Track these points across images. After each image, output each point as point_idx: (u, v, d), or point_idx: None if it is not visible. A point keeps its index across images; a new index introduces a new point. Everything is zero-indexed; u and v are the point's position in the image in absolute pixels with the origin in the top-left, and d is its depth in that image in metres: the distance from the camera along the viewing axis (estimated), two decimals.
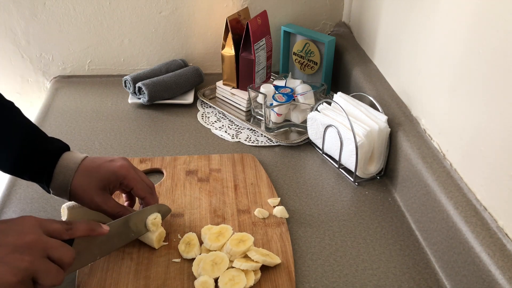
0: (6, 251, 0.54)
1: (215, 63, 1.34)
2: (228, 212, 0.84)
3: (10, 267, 0.54)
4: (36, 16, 1.22)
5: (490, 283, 0.62)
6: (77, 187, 0.71)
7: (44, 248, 0.57)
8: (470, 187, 0.73)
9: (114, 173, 0.72)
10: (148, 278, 0.71)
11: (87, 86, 1.28)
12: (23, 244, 0.56)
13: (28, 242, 0.56)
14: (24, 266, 0.54)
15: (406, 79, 0.96)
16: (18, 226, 0.58)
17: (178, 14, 1.26)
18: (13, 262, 0.54)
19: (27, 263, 0.55)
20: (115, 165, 0.73)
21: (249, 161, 0.97)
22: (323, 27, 1.34)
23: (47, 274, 0.56)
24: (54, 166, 0.71)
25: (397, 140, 0.90)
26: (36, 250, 0.56)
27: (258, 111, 1.12)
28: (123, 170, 0.73)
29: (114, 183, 0.73)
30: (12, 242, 0.55)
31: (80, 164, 0.72)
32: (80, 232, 0.62)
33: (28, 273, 0.55)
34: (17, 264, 0.54)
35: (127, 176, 0.73)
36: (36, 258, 0.56)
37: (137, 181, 0.74)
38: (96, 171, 0.72)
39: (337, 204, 0.89)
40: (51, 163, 0.72)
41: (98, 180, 0.72)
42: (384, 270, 0.75)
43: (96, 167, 0.73)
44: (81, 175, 0.71)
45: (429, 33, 0.84)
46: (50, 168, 0.71)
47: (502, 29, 0.64)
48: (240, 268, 0.70)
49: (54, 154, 0.72)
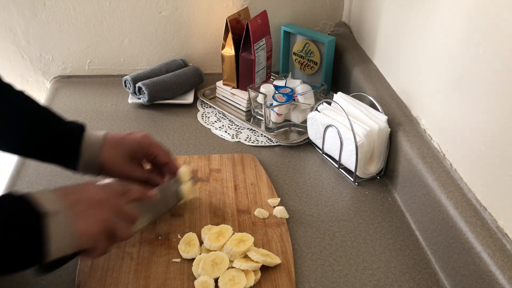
0: (85, 207, 0.60)
1: (215, 63, 1.34)
2: (228, 212, 0.84)
3: (93, 219, 0.60)
4: (36, 16, 1.22)
5: (490, 283, 0.62)
6: (107, 160, 0.75)
7: (115, 205, 0.63)
8: (470, 187, 0.73)
9: (139, 143, 0.77)
10: (148, 278, 0.71)
11: (87, 86, 1.28)
12: (98, 201, 0.62)
13: (101, 199, 0.62)
14: (104, 218, 0.61)
15: (406, 79, 0.96)
16: (87, 188, 0.63)
17: (178, 14, 1.26)
18: (94, 215, 0.60)
19: (105, 215, 0.61)
20: (137, 135, 0.78)
21: (249, 161, 0.97)
22: (323, 27, 1.34)
23: (120, 227, 0.63)
24: (80, 142, 0.74)
25: (397, 140, 0.90)
26: (109, 206, 0.63)
27: (258, 111, 1.12)
28: (146, 140, 0.78)
29: (139, 152, 0.77)
30: (87, 199, 0.61)
31: (105, 138, 0.76)
32: (135, 195, 0.69)
33: (107, 224, 0.61)
34: (98, 217, 0.60)
35: (151, 145, 0.78)
36: (110, 212, 0.62)
37: (159, 149, 0.79)
38: (122, 143, 0.76)
39: (337, 204, 0.89)
40: (77, 140, 0.74)
41: (125, 150, 0.76)
42: (384, 270, 0.75)
43: (121, 139, 0.77)
44: (109, 148, 0.75)
45: (429, 33, 0.84)
46: (77, 145, 0.74)
47: (502, 29, 0.64)
48: (240, 268, 0.70)
49: (77, 131, 0.75)
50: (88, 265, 0.73)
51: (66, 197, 0.60)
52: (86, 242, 0.60)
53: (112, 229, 0.62)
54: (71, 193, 0.61)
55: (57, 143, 0.74)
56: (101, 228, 0.60)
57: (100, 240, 0.61)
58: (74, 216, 0.59)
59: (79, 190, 0.63)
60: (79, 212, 0.59)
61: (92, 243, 0.60)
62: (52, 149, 0.74)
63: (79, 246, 0.59)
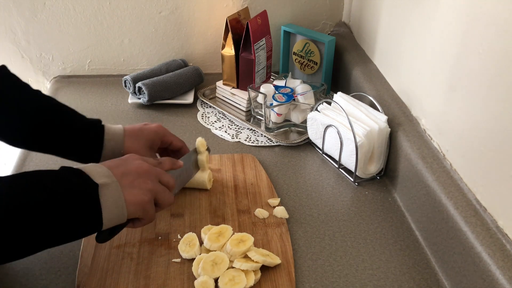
0: (132, 178, 0.65)
1: (215, 63, 1.34)
2: (228, 212, 0.84)
3: (140, 189, 0.65)
4: (36, 16, 1.22)
5: (490, 283, 0.62)
6: (130, 149, 0.79)
7: (156, 174, 0.68)
8: (470, 187, 0.73)
9: (156, 132, 0.82)
10: (148, 278, 0.71)
11: (87, 86, 1.28)
12: (143, 171, 0.67)
13: (146, 169, 0.67)
14: (149, 187, 0.66)
15: (406, 79, 0.96)
16: (130, 160, 0.68)
17: (178, 14, 1.26)
18: (141, 184, 0.65)
19: (150, 185, 0.66)
20: (152, 125, 0.83)
21: (249, 161, 0.97)
22: (323, 27, 1.34)
23: (164, 194, 0.68)
24: (102, 134, 0.78)
25: (397, 140, 0.90)
26: (152, 176, 0.68)
27: (258, 111, 1.12)
28: (161, 129, 0.83)
29: (157, 141, 0.82)
30: (134, 170, 0.66)
31: (125, 130, 0.80)
32: (167, 166, 0.74)
33: (152, 193, 0.66)
34: (144, 186, 0.65)
35: (166, 133, 0.84)
36: (154, 181, 0.67)
37: (173, 136, 0.85)
38: (141, 133, 0.81)
39: (337, 204, 0.89)
40: (100, 132, 0.78)
41: (146, 140, 0.81)
42: (384, 270, 0.75)
43: (139, 130, 0.81)
44: (130, 138, 0.80)
45: (429, 33, 0.84)
46: (100, 137, 0.78)
47: (502, 29, 0.64)
48: (240, 268, 0.70)
49: (98, 125, 0.79)
50: (88, 265, 0.73)
51: (115, 170, 0.65)
52: (135, 210, 0.64)
53: (156, 197, 0.67)
54: (119, 166, 0.66)
55: (80, 137, 0.77)
56: (148, 196, 0.65)
57: (148, 208, 0.66)
58: (123, 187, 0.64)
59: (124, 162, 0.67)
60: (127, 183, 0.64)
61: (141, 211, 0.65)
62: (76, 143, 0.77)
63: (130, 214, 0.64)
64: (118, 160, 0.68)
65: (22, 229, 0.56)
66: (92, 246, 0.76)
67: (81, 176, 0.62)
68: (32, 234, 0.58)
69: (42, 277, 0.72)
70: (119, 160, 0.68)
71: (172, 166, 0.75)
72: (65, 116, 0.78)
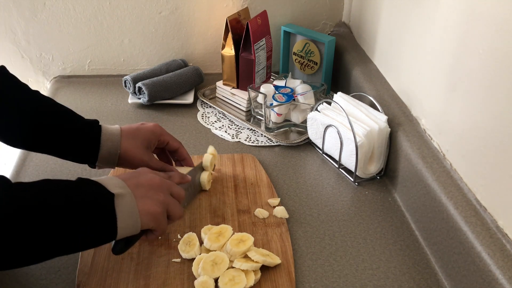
0: (145, 190, 0.66)
1: (215, 63, 1.34)
2: (228, 212, 0.84)
3: (153, 200, 0.66)
4: (36, 16, 1.22)
5: (490, 283, 0.62)
6: (127, 149, 0.79)
7: (168, 187, 0.70)
8: (470, 187, 0.73)
9: (153, 132, 0.82)
10: (148, 278, 0.71)
11: (87, 86, 1.28)
12: (155, 184, 0.68)
13: (158, 182, 0.68)
14: (161, 199, 0.67)
15: (406, 79, 0.96)
16: (143, 173, 0.69)
17: (178, 14, 1.26)
18: (153, 196, 0.66)
19: (162, 197, 0.67)
20: (149, 125, 0.83)
21: (249, 161, 0.97)
22: (323, 27, 1.34)
23: (174, 207, 0.69)
24: (99, 134, 0.78)
25: (397, 140, 0.90)
26: (164, 188, 0.69)
27: (258, 111, 1.12)
28: (158, 128, 0.83)
29: (154, 141, 0.82)
30: (146, 183, 0.67)
31: (122, 130, 0.80)
32: (177, 180, 0.76)
33: (164, 205, 0.67)
34: (156, 198, 0.66)
35: (163, 132, 0.84)
36: (166, 194, 0.69)
37: (170, 136, 0.85)
38: (138, 133, 0.81)
39: (337, 204, 0.89)
40: (97, 132, 0.78)
41: (143, 140, 0.80)
42: (384, 270, 0.75)
43: (136, 129, 0.81)
44: (127, 138, 0.79)
45: (429, 33, 0.84)
46: (97, 137, 0.78)
47: (502, 29, 0.64)
48: (240, 268, 0.70)
49: (95, 125, 0.79)
50: (88, 265, 0.73)
51: (128, 181, 0.66)
52: (149, 221, 0.65)
53: (168, 209, 0.68)
54: (132, 178, 0.67)
55: (77, 137, 0.77)
56: (160, 208, 0.66)
57: (160, 219, 0.67)
58: (137, 198, 0.64)
59: (137, 175, 0.68)
60: (140, 195, 0.65)
61: (153, 222, 0.66)
62: (73, 143, 0.77)
63: (143, 225, 0.65)
64: (131, 172, 0.70)
65: (37, 235, 0.57)
66: None
67: (97, 186, 0.63)
68: (47, 240, 0.58)
69: (42, 277, 0.72)
70: (133, 172, 0.70)
71: (180, 180, 0.77)
72: (63, 116, 0.78)
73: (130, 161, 0.79)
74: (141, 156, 0.79)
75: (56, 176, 0.93)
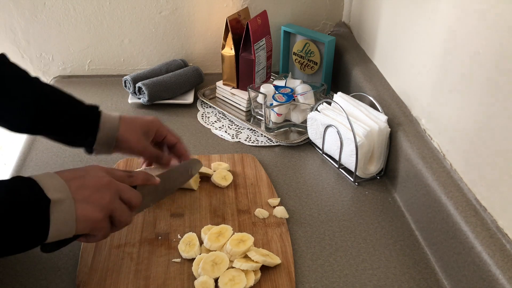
0: (89, 192, 0.61)
1: (215, 63, 1.34)
2: (228, 212, 0.84)
3: (96, 205, 0.61)
4: (36, 16, 1.22)
5: (490, 283, 0.62)
6: (125, 133, 0.78)
7: (117, 190, 0.65)
8: (470, 187, 0.73)
9: (151, 122, 0.82)
10: (148, 278, 0.71)
11: (87, 86, 1.28)
12: (101, 185, 0.63)
13: (105, 184, 0.64)
14: (106, 204, 0.62)
15: (406, 79, 0.96)
16: (91, 171, 0.65)
17: (178, 14, 1.26)
18: (97, 200, 0.62)
19: (108, 201, 0.62)
20: (148, 117, 0.83)
21: (249, 161, 0.97)
22: (323, 27, 1.34)
23: (121, 213, 0.64)
24: (99, 117, 0.77)
25: (397, 140, 0.90)
26: (112, 191, 0.64)
27: (258, 111, 1.12)
28: (157, 120, 0.83)
29: (152, 130, 0.82)
30: (92, 184, 0.62)
31: (121, 117, 0.80)
32: (139, 181, 0.71)
33: (108, 211, 0.63)
34: (100, 202, 0.62)
35: (161, 125, 0.83)
36: (113, 197, 0.63)
37: (168, 130, 0.84)
38: (136, 121, 0.81)
39: (337, 204, 0.89)
40: (96, 115, 0.77)
41: (141, 126, 0.80)
42: (384, 270, 0.75)
43: (134, 118, 0.81)
44: (125, 123, 0.79)
45: (429, 33, 0.84)
46: (96, 119, 0.77)
47: (502, 29, 0.64)
48: (240, 268, 0.70)
49: (95, 109, 0.79)
50: (88, 265, 0.73)
51: (72, 182, 0.61)
52: (85, 228, 0.61)
53: (113, 215, 0.64)
54: (77, 178, 0.62)
55: (77, 118, 0.77)
56: (102, 214, 0.62)
57: (99, 226, 0.62)
58: (77, 202, 0.60)
59: (85, 174, 0.64)
60: (82, 198, 0.61)
61: (91, 229, 0.62)
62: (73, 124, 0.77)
63: (78, 231, 0.61)
64: (78, 170, 0.64)
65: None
66: (92, 246, 0.76)
67: (33, 188, 0.58)
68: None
69: (42, 277, 0.72)
70: (79, 171, 0.64)
71: (145, 181, 0.71)
72: (63, 100, 0.78)
73: (127, 145, 0.79)
74: (137, 141, 0.79)
75: None
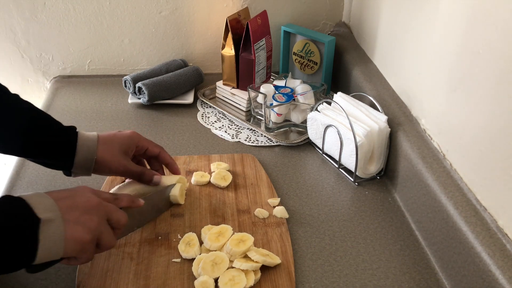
0: (78, 213, 0.61)
1: (215, 63, 1.34)
2: (228, 212, 0.84)
3: (85, 227, 0.61)
4: (36, 16, 1.22)
5: (490, 283, 0.62)
6: (104, 154, 0.77)
7: (106, 211, 0.64)
8: (470, 187, 0.73)
9: (130, 137, 0.80)
10: (148, 278, 0.71)
11: (87, 86, 1.28)
12: (91, 207, 0.63)
13: (95, 205, 0.63)
14: (94, 226, 0.62)
15: (406, 79, 0.96)
16: (80, 192, 0.64)
17: (178, 14, 1.26)
18: (86, 222, 0.61)
19: (96, 223, 0.62)
20: (126, 132, 0.81)
21: (249, 161, 0.97)
22: (323, 27, 1.34)
23: (107, 236, 0.64)
24: (75, 140, 0.76)
25: (397, 140, 0.90)
26: (101, 213, 0.63)
27: (258, 111, 1.12)
28: (136, 134, 0.82)
29: (131, 147, 0.80)
30: (81, 205, 0.62)
31: (98, 136, 0.78)
32: (124, 203, 0.70)
33: (96, 233, 0.62)
34: (89, 224, 0.61)
35: (141, 138, 0.82)
36: (101, 219, 0.63)
37: (149, 142, 0.83)
38: (114, 138, 0.79)
39: (337, 204, 0.89)
40: (73, 137, 0.76)
41: (120, 145, 0.79)
42: (384, 270, 0.75)
43: (112, 136, 0.79)
44: (104, 144, 0.78)
45: (429, 33, 0.84)
46: (73, 142, 0.76)
47: (502, 28, 0.64)
48: (240, 268, 0.70)
49: (71, 131, 0.78)
50: (88, 265, 0.73)
51: (61, 202, 0.60)
52: (73, 250, 0.60)
53: (99, 237, 0.63)
54: (67, 198, 0.62)
55: (53, 142, 0.75)
56: (90, 236, 0.61)
57: (87, 248, 0.61)
58: (67, 223, 0.59)
59: (74, 194, 0.63)
60: (72, 219, 0.60)
61: (79, 250, 0.61)
62: (49, 148, 0.75)
63: (66, 253, 0.60)
64: (67, 191, 0.64)
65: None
66: None
67: (22, 208, 0.57)
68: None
69: (42, 277, 0.72)
70: (68, 191, 0.64)
71: (130, 203, 0.71)
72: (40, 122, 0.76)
73: (107, 167, 0.77)
74: (119, 160, 0.77)
75: (55, 177, 0.93)
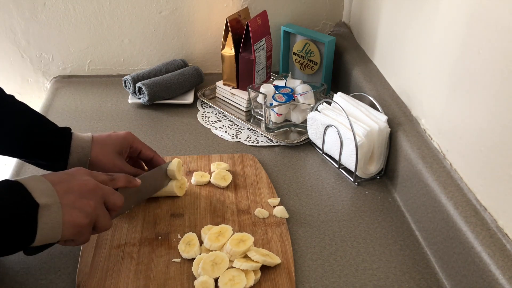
0: (75, 197, 0.62)
1: (215, 63, 1.34)
2: (228, 212, 0.84)
3: (81, 210, 0.62)
4: (36, 16, 1.22)
5: (490, 283, 0.62)
6: (98, 155, 0.78)
7: (102, 194, 0.65)
8: (470, 187, 0.73)
9: (124, 138, 0.81)
10: (148, 278, 0.71)
11: (87, 86, 1.28)
12: (87, 190, 0.63)
13: (91, 188, 0.64)
14: (91, 210, 0.63)
15: (406, 79, 0.96)
16: (77, 175, 0.65)
17: (178, 14, 1.26)
18: (83, 206, 0.62)
19: (93, 207, 0.63)
20: (121, 133, 0.82)
21: (249, 161, 0.97)
22: (323, 27, 1.34)
23: (104, 218, 0.65)
24: (70, 141, 0.77)
25: (397, 140, 0.90)
26: (97, 196, 0.64)
27: (258, 111, 1.12)
28: (130, 136, 0.82)
29: (125, 147, 0.81)
30: (77, 189, 0.63)
31: (93, 137, 0.79)
32: (121, 183, 0.71)
33: (93, 216, 0.63)
34: (86, 208, 0.62)
35: (135, 140, 0.82)
36: (97, 202, 0.64)
37: (143, 144, 0.84)
38: (108, 139, 0.80)
39: (337, 204, 0.89)
40: (67, 138, 0.77)
41: (114, 145, 0.79)
42: (384, 270, 0.75)
43: (107, 137, 0.80)
44: (98, 144, 0.78)
45: (429, 33, 0.84)
46: (67, 144, 0.76)
47: (502, 28, 0.64)
48: (240, 268, 0.70)
49: (66, 132, 0.78)
50: (88, 265, 0.73)
51: (58, 186, 0.62)
52: (70, 233, 0.62)
53: (96, 220, 0.65)
54: (63, 181, 0.63)
55: (48, 143, 0.76)
56: (87, 220, 0.62)
57: (84, 231, 0.63)
58: (64, 207, 0.61)
59: (70, 178, 0.64)
60: (69, 203, 0.61)
61: (76, 234, 0.62)
62: (43, 149, 0.76)
63: (64, 237, 0.61)
64: (63, 174, 0.64)
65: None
66: (92, 246, 0.76)
67: (21, 193, 0.58)
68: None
69: (42, 277, 0.72)
70: (65, 174, 0.64)
71: (127, 184, 0.72)
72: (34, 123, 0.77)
73: (101, 168, 0.77)
74: (113, 160, 0.78)
75: None
